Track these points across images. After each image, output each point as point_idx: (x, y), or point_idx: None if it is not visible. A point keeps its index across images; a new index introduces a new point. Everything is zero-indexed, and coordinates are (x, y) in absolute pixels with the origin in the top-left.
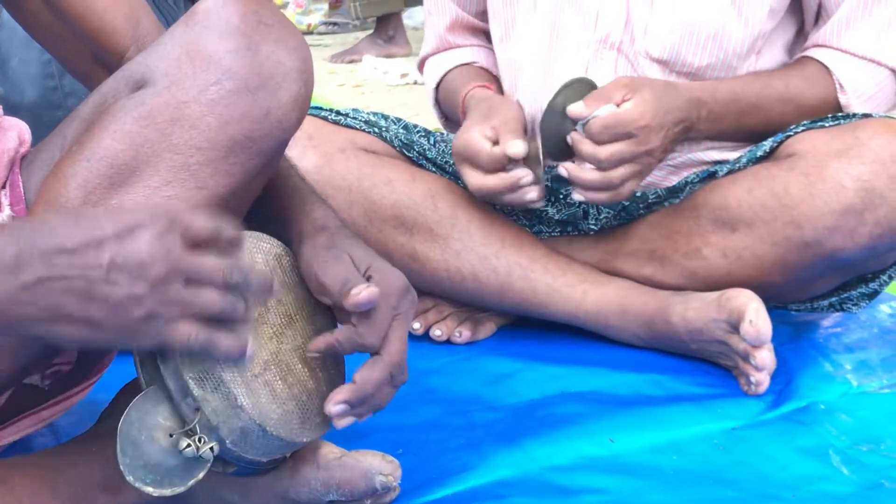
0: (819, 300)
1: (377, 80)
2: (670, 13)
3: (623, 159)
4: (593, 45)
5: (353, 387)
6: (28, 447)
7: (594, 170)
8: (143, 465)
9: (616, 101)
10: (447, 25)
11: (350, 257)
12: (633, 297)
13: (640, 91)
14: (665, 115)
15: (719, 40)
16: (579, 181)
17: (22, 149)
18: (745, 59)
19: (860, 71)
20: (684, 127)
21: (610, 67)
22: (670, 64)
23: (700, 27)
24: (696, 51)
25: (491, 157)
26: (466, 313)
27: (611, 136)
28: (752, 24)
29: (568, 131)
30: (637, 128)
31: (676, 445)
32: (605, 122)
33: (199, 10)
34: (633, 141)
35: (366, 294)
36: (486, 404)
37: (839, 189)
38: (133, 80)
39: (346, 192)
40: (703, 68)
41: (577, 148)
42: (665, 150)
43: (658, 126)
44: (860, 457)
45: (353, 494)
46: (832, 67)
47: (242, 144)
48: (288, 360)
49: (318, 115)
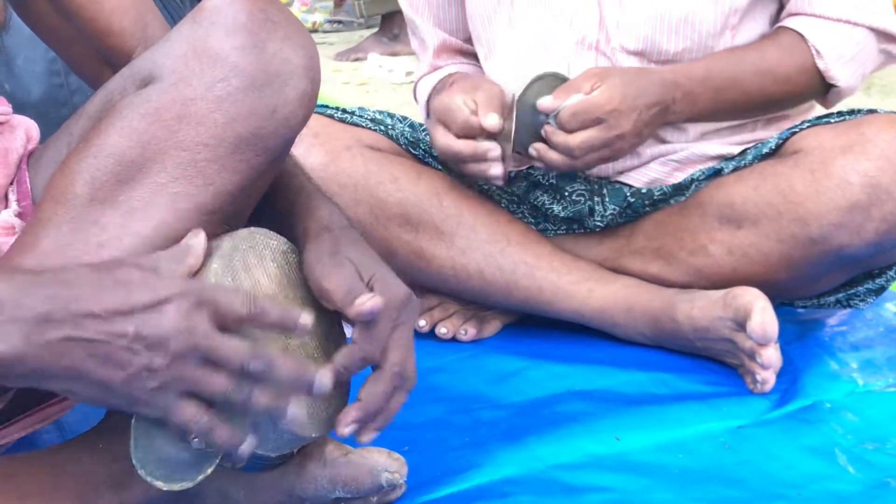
0: (825, 297)
1: (382, 79)
2: (640, 5)
3: (594, 146)
4: (572, 48)
5: (360, 405)
6: (34, 444)
7: None
8: (155, 458)
9: (586, 90)
10: (436, 51)
11: (353, 264)
12: (638, 295)
13: (608, 78)
14: (635, 98)
15: (691, 22)
16: (547, 161)
17: (30, 146)
18: (720, 36)
19: (836, 33)
20: (659, 109)
21: (590, 66)
22: (647, 54)
23: (670, 13)
24: (670, 37)
25: (466, 123)
26: (472, 311)
27: (580, 123)
28: (721, 2)
29: (540, 124)
30: (605, 112)
31: (682, 444)
32: (573, 109)
33: (206, 7)
34: (603, 126)
35: (369, 305)
36: (492, 402)
37: (845, 185)
38: (140, 76)
39: (351, 190)
40: (680, 53)
41: (551, 140)
42: (638, 134)
43: (628, 109)
44: (866, 455)
45: (359, 491)
46: (806, 34)
47: (249, 141)
48: (295, 355)
49: (324, 113)
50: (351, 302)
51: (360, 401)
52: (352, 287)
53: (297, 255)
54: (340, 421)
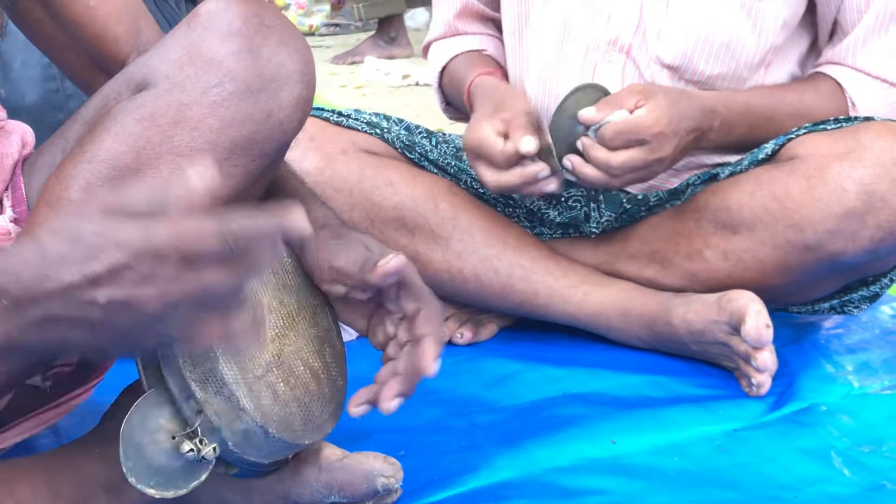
0: (820, 302)
1: (379, 82)
2: (685, 19)
3: (635, 167)
4: (603, 47)
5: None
6: (31, 449)
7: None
8: (146, 467)
9: (629, 107)
10: (456, 12)
11: (361, 242)
12: (634, 298)
13: (654, 97)
14: (679, 122)
15: (732, 50)
16: (583, 177)
17: (25, 151)
18: (756, 70)
19: (873, 90)
20: (696, 136)
21: (617, 70)
22: (680, 70)
23: (714, 35)
24: (709, 59)
25: (504, 155)
26: (468, 315)
27: (624, 142)
28: (765, 36)
29: (578, 135)
30: (651, 134)
31: (678, 447)
32: (618, 127)
33: (200, 13)
34: (645, 148)
35: (394, 262)
36: (488, 406)
37: (841, 192)
38: (134, 81)
39: (347, 194)
40: (713, 77)
41: (589, 154)
42: (675, 159)
43: (672, 133)
44: (862, 458)
45: (354, 496)
46: (846, 86)
47: (244, 147)
48: (290, 361)
49: (320, 117)
50: (373, 265)
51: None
52: (366, 258)
53: (291, 259)
54: (384, 396)
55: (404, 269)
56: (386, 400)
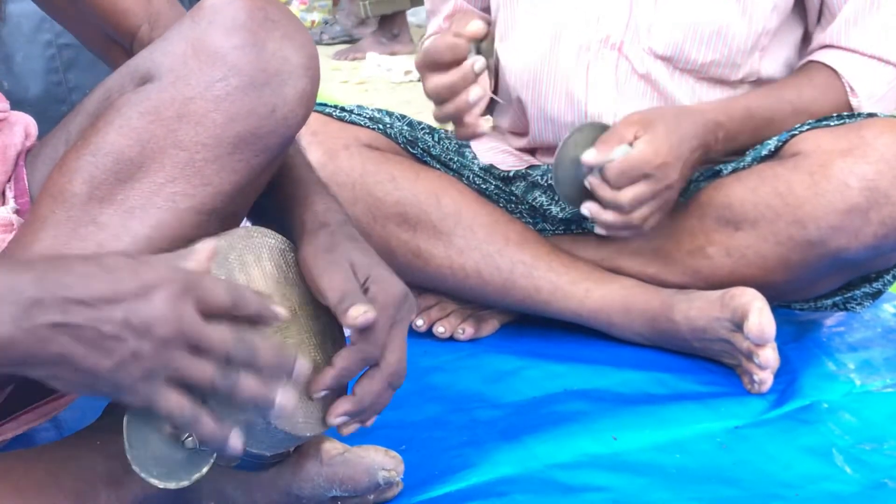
0: (823, 299)
1: (381, 78)
2: (674, 10)
3: (645, 199)
4: (594, 46)
5: (354, 399)
6: (31, 441)
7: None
8: (150, 457)
9: (628, 139)
10: (448, 14)
11: (349, 263)
12: (636, 295)
13: (651, 127)
14: (680, 146)
15: (723, 36)
16: (602, 223)
17: (28, 143)
18: (750, 55)
19: (869, 71)
20: (702, 152)
21: (610, 67)
22: (674, 60)
23: (704, 24)
24: (700, 47)
25: (447, 44)
26: (469, 310)
27: (629, 180)
28: (755, 21)
29: (583, 177)
30: (654, 167)
31: (679, 444)
32: (620, 167)
33: (205, 6)
34: (651, 180)
35: (363, 319)
36: (489, 402)
37: (844, 188)
38: (139, 74)
39: (349, 189)
40: (707, 65)
41: (598, 195)
42: (684, 179)
43: (675, 159)
44: (863, 456)
45: (356, 490)
46: (841, 70)
47: (248, 141)
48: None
49: (323, 112)
50: (345, 311)
51: (355, 395)
52: (347, 290)
53: (294, 253)
54: (332, 411)
55: (372, 323)
56: (332, 415)
